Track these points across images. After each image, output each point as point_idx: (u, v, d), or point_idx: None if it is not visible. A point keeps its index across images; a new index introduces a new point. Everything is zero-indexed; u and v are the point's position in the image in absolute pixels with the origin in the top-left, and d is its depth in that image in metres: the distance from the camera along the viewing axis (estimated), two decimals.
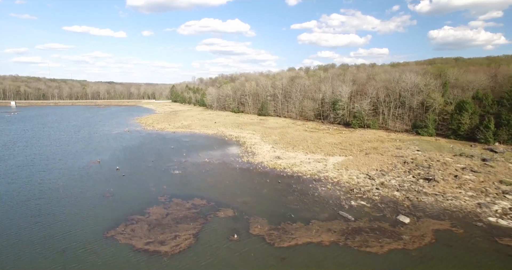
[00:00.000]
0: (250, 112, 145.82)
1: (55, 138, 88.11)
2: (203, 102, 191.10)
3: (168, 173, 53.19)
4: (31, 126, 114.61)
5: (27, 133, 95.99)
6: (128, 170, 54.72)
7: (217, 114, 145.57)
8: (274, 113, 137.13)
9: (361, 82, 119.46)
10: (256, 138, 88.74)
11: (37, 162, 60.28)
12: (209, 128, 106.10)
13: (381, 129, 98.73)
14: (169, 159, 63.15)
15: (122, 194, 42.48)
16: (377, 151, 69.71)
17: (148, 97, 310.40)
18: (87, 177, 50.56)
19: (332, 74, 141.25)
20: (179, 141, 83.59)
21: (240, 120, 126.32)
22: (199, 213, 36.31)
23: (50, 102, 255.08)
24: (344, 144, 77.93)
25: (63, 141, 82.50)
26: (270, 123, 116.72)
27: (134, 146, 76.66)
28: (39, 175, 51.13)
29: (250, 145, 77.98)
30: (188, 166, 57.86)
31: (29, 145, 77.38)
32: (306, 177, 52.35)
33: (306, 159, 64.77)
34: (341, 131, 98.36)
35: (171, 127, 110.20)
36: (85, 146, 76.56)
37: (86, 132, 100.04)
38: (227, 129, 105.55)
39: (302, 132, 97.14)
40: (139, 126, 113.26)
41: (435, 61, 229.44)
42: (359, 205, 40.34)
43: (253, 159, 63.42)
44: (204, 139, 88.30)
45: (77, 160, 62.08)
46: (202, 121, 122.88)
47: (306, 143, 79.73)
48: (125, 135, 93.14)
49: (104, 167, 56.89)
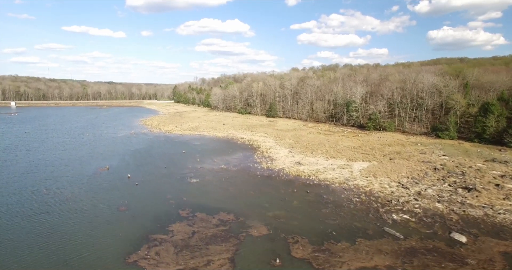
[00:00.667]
0: (258, 114, 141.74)
1: (58, 141, 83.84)
2: (208, 103, 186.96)
3: (185, 181, 49.06)
4: (32, 128, 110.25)
5: (29, 136, 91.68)
6: (140, 178, 50.57)
7: (224, 116, 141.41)
8: (283, 115, 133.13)
9: (373, 83, 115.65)
10: (270, 142, 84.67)
11: (41, 168, 56.05)
12: (218, 131, 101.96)
13: (398, 131, 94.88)
14: (182, 165, 59.02)
15: (138, 207, 38.33)
16: (401, 156, 65.78)
17: (150, 98, 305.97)
18: (97, 186, 46.39)
19: (342, 75, 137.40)
20: (190, 145, 79.43)
21: (249, 122, 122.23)
22: (229, 231, 32.19)
23: (50, 103, 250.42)
24: (364, 148, 73.99)
25: (68, 145, 78.24)
26: (281, 125, 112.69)
27: (142, 151, 72.49)
28: (44, 184, 46.94)
29: (266, 150, 73.91)
30: (205, 173, 53.73)
31: (31, 149, 73.13)
32: (335, 186, 48.33)
33: (329, 165, 60.77)
34: (356, 134, 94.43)
35: (179, 129, 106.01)
36: (91, 150, 72.34)
37: (91, 134, 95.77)
38: (237, 131, 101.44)
39: (317, 135, 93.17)
40: (145, 128, 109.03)
41: (440, 61, 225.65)
42: (403, 219, 36.31)
43: (273, 165, 59.34)
44: (215, 142, 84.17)
45: (84, 166, 57.88)
46: (209, 123, 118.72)
47: (324, 147, 75.75)
48: (132, 138, 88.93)
49: (114, 174, 52.72)
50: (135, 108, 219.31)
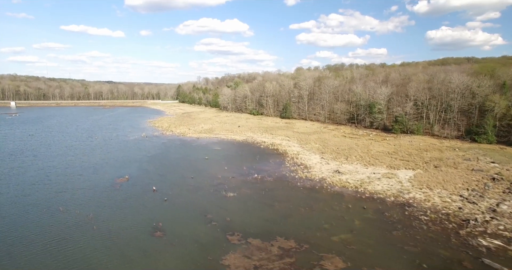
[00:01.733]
0: (271, 115, 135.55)
1: (66, 145, 77.44)
2: (216, 103, 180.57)
3: (220, 195, 42.86)
4: (36, 130, 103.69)
5: (34, 139, 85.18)
6: (167, 191, 44.36)
7: (235, 117, 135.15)
8: (298, 116, 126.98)
9: (395, 83, 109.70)
10: (295, 146, 78.61)
11: (53, 178, 49.75)
12: (235, 133, 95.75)
13: (427, 135, 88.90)
14: (210, 174, 52.84)
15: (177, 232, 32.15)
16: (445, 163, 59.85)
17: (153, 97, 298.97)
18: (121, 202, 40.14)
19: (360, 75, 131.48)
20: (210, 150, 73.22)
21: (264, 123, 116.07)
22: (298, 265, 26.07)
23: (51, 103, 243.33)
24: (400, 153, 68.03)
25: (77, 150, 71.88)
26: (299, 127, 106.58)
27: (160, 156, 66.26)
28: (59, 199, 40.66)
29: (295, 155, 67.89)
30: (239, 185, 47.54)
31: (38, 154, 66.75)
32: (391, 200, 42.34)
33: (372, 174, 54.80)
34: (383, 137, 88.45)
35: (192, 131, 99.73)
36: (104, 156, 66.03)
37: (100, 137, 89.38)
38: (256, 134, 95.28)
39: (342, 138, 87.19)
40: (156, 131, 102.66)
41: (447, 61, 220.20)
42: (496, 246, 30.29)
43: (311, 175, 53.27)
44: (236, 147, 77.98)
45: (100, 175, 51.60)
46: (223, 125, 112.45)
47: (356, 152, 69.77)
48: (145, 142, 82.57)
49: (135, 186, 46.47)
50: (139, 109, 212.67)
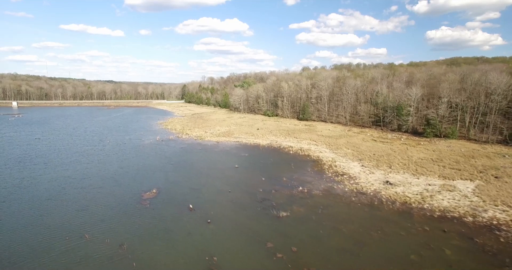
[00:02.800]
0: (288, 116, 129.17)
1: (78, 150, 71.01)
2: (226, 103, 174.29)
3: (271, 215, 36.49)
4: (42, 132, 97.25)
5: (41, 143, 78.71)
6: (206, 209, 37.99)
7: (250, 118, 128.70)
8: (317, 118, 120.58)
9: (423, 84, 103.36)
10: (326, 152, 72.35)
11: (69, 192, 43.34)
12: (257, 137, 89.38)
13: (462, 139, 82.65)
14: (248, 187, 46.52)
15: (235, 268, 25.72)
16: (505, 172, 53.57)
17: (157, 97, 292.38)
18: (156, 226, 33.78)
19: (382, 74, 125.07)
20: (236, 156, 66.84)
21: (283, 125, 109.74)
22: None
23: (54, 103, 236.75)
24: (446, 161, 61.90)
25: (91, 156, 65.44)
26: (322, 130, 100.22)
27: (184, 164, 59.86)
28: (81, 221, 34.34)
29: (331, 163, 61.65)
30: (286, 200, 41.18)
31: (49, 161, 60.32)
32: (469, 220, 36.18)
33: (427, 186, 48.69)
34: (417, 141, 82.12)
35: (209, 134, 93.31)
36: (122, 163, 59.61)
37: (112, 141, 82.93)
38: (279, 138, 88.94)
39: (373, 143, 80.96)
40: (171, 134, 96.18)
41: (457, 60, 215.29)
42: None
43: (360, 187, 47.02)
44: (263, 153, 71.58)
45: (123, 189, 45.20)
46: (240, 127, 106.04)
47: (396, 159, 63.70)
48: (162, 147, 76.13)
49: (168, 203, 40.11)
50: (145, 109, 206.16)
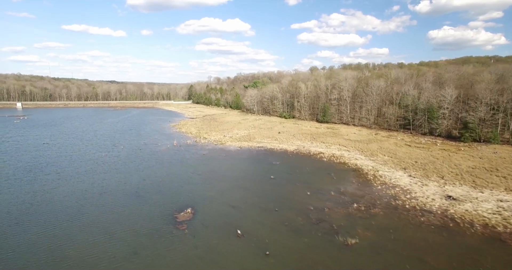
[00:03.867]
0: (306, 118, 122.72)
1: (91, 157, 64.90)
2: (237, 104, 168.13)
3: (336, 242, 30.20)
4: (50, 136, 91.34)
5: (50, 149, 72.68)
6: (258, 235, 31.75)
7: (266, 120, 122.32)
8: (338, 120, 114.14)
9: (457, 84, 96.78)
10: (362, 159, 66.07)
11: (90, 211, 37.17)
12: (281, 141, 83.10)
13: (505, 144, 76.08)
14: (296, 204, 40.27)
15: None
16: None
17: (163, 98, 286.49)
18: (202, 258, 27.53)
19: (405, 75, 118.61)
20: (267, 164, 60.56)
21: (304, 128, 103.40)
22: None
23: (59, 104, 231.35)
24: (503, 170, 55.41)
25: (106, 164, 59.31)
26: (347, 133, 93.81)
27: (213, 174, 53.59)
28: (110, 254, 28.08)
29: (373, 172, 55.61)
30: (346, 221, 34.84)
31: (62, 171, 54.21)
32: None
33: (499, 202, 42.29)
34: (456, 147, 75.64)
35: (229, 139, 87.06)
36: (143, 173, 53.43)
37: (126, 146, 76.84)
38: (304, 142, 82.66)
39: (408, 148, 74.68)
40: (187, 137, 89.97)
41: (470, 60, 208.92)
42: None
43: (421, 202, 40.89)
44: (294, 160, 65.27)
45: (151, 207, 38.97)
46: (259, 130, 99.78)
47: (443, 167, 57.63)
48: (182, 153, 69.94)
49: (209, 227, 33.89)
50: (152, 110, 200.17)
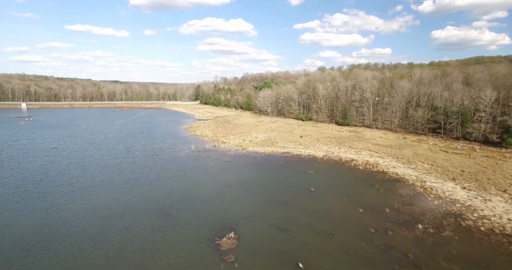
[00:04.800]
0: (325, 121, 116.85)
1: (105, 164, 59.44)
2: (249, 105, 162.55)
3: None
4: (58, 139, 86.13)
5: (60, 154, 67.34)
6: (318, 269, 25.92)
7: (284, 123, 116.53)
8: (359, 123, 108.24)
9: (494, 85, 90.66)
10: (400, 167, 60.51)
11: (113, 236, 31.64)
12: (306, 146, 77.39)
13: None
14: (351, 224, 34.54)
15: None
16: None
17: (169, 98, 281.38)
18: None
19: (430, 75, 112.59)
20: (301, 173, 54.87)
21: (325, 132, 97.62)
22: None
23: (64, 104, 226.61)
24: None
25: (124, 173, 53.81)
26: (373, 137, 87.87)
27: (245, 186, 47.99)
28: None
29: (420, 183, 50.22)
30: (419, 249, 29.06)
31: (75, 181, 48.77)
32: None
33: None
34: (500, 153, 69.53)
35: (249, 143, 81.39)
36: (166, 185, 47.84)
37: (140, 151, 71.38)
38: (331, 147, 76.92)
39: (445, 154, 68.87)
40: (205, 142, 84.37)
41: (483, 60, 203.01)
42: None
43: (497, 224, 34.84)
44: (328, 168, 59.52)
45: (187, 231, 33.34)
46: (279, 133, 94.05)
47: (497, 178, 51.72)
48: (204, 160, 64.34)
49: (261, 257, 28.40)
50: (160, 111, 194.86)
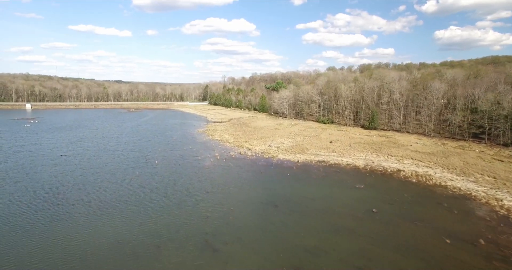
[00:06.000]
0: (349, 124, 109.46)
1: (122, 176, 52.41)
2: (263, 107, 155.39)
3: None
4: (66, 144, 79.36)
5: (71, 163, 60.43)
6: None
7: (306, 126, 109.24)
8: (387, 127, 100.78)
9: None
10: (456, 179, 53.43)
11: None
12: (340, 154, 70.02)
13: None
14: (443, 262, 27.18)
15: None
16: None
17: (176, 99, 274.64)
18: None
19: (461, 75, 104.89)
20: (352, 189, 47.57)
21: (354, 136, 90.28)
22: None
23: (69, 105, 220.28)
24: None
25: (147, 189, 46.76)
26: (408, 143, 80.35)
27: (291, 205, 40.78)
28: None
29: (495, 203, 42.51)
30: None
31: (93, 199, 41.78)
32: None
33: None
34: None
35: (276, 149, 74.13)
36: (201, 206, 40.71)
37: (160, 160, 64.33)
38: (367, 154, 69.61)
39: (501, 164, 61.66)
40: (227, 148, 77.16)
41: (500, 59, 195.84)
42: None
43: None
44: (376, 181, 52.16)
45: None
46: (306, 139, 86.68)
47: None
48: (234, 170, 57.16)
49: None
50: (170, 112, 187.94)
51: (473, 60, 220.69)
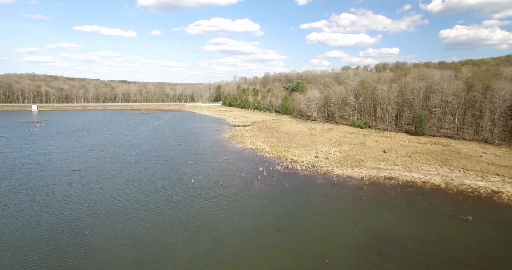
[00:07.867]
0: (390, 129, 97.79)
1: (154, 202, 41.52)
2: (286, 109, 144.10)
3: None
4: (78, 153, 68.89)
5: (86, 180, 49.66)
6: None
7: (344, 132, 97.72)
8: (437, 133, 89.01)
9: None
10: None
11: None
12: (406, 168, 58.48)
13: None
14: None
15: None
16: None
17: (186, 99, 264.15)
18: None
19: None
20: (455, 221, 36.15)
21: (405, 144, 78.78)
22: None
23: (77, 106, 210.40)
24: None
25: (187, 220, 35.96)
26: (474, 153, 68.66)
27: (392, 249, 29.49)
28: None
29: None
30: None
31: (120, 233, 31.20)
32: None
33: None
34: None
35: (325, 161, 62.81)
36: (271, 256, 29.60)
37: (196, 177, 53.20)
38: (437, 168, 58.01)
39: None
40: (268, 160, 65.80)
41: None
42: None
43: None
44: (476, 208, 40.61)
45: None
46: (353, 147, 75.21)
47: None
48: (291, 192, 46.04)
49: None
50: (183, 114, 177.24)
51: (495, 59, 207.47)
